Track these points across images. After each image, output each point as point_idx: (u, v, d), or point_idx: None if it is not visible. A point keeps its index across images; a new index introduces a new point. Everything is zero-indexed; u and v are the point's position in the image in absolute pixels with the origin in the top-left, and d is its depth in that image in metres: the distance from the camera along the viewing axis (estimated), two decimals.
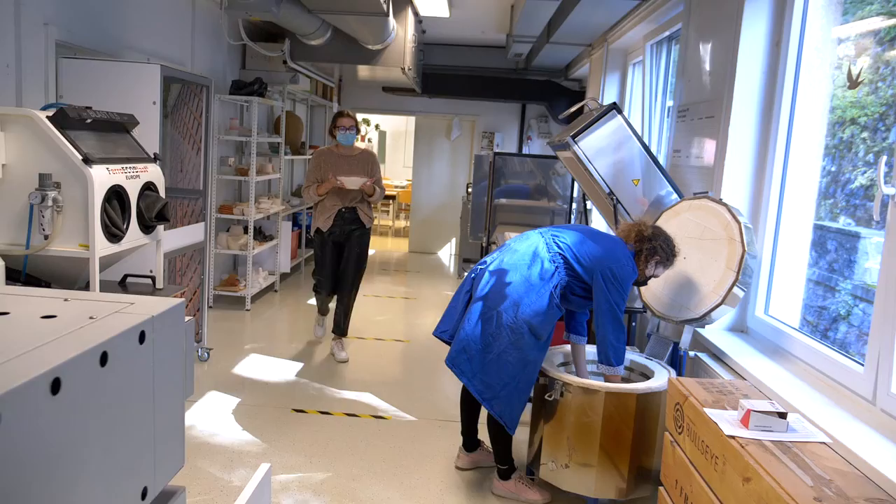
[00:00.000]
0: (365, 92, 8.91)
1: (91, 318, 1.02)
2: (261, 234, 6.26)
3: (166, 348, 1.09)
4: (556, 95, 8.27)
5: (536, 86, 8.31)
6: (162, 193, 3.06)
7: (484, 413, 2.85)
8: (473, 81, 8.39)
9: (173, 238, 3.84)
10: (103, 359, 0.92)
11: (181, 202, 4.20)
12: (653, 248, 2.69)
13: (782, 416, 1.90)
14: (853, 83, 2.37)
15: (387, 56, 5.89)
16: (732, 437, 1.85)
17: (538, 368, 2.66)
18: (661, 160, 4.35)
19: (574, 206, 6.04)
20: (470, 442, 3.10)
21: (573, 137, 3.21)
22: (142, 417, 1.00)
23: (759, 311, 3.12)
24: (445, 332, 2.78)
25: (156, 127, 3.44)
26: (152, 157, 3.06)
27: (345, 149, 4.46)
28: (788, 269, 3.05)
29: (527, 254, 2.67)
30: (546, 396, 2.65)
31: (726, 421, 1.95)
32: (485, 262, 2.77)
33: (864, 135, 3.55)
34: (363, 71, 7.30)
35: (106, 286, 3.20)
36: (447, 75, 8.30)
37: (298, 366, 4.41)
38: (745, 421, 1.92)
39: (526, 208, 6.58)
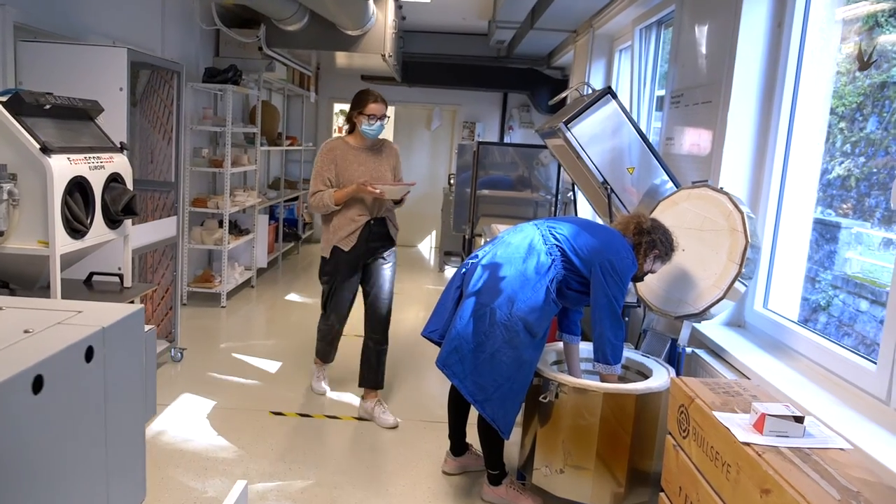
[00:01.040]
0: (343, 81, 8.68)
1: (27, 331, 0.85)
2: (236, 228, 6.05)
3: (122, 364, 0.92)
4: (539, 84, 8.13)
5: (518, 74, 8.16)
6: (129, 185, 2.86)
7: (474, 415, 2.70)
8: (454, 70, 8.21)
9: (143, 233, 3.63)
10: (37, 384, 0.75)
11: (152, 195, 3.98)
12: (652, 241, 2.56)
13: (799, 420, 1.78)
14: (864, 64, 2.25)
15: (366, 42, 5.69)
16: (747, 444, 1.72)
17: (534, 368, 2.52)
18: None
19: (559, 196, 5.91)
20: (458, 445, 2.95)
21: (566, 123, 3.06)
22: (91, 450, 0.83)
23: (757, 304, 3.01)
24: (435, 331, 2.63)
25: (123, 115, 3.23)
26: (119, 146, 2.85)
27: (362, 140, 3.44)
28: (788, 261, 2.94)
29: (521, 246, 2.52)
30: (540, 398, 2.51)
31: (738, 426, 1.82)
32: (476, 255, 2.61)
33: (842, 125, 3.46)
34: (341, 59, 7.08)
35: (70, 285, 3.00)
36: (427, 63, 8.12)
37: (276, 365, 4.23)
38: (758, 426, 1.79)
39: (509, 199, 6.43)
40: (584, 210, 5.44)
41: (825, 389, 2.32)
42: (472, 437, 2.87)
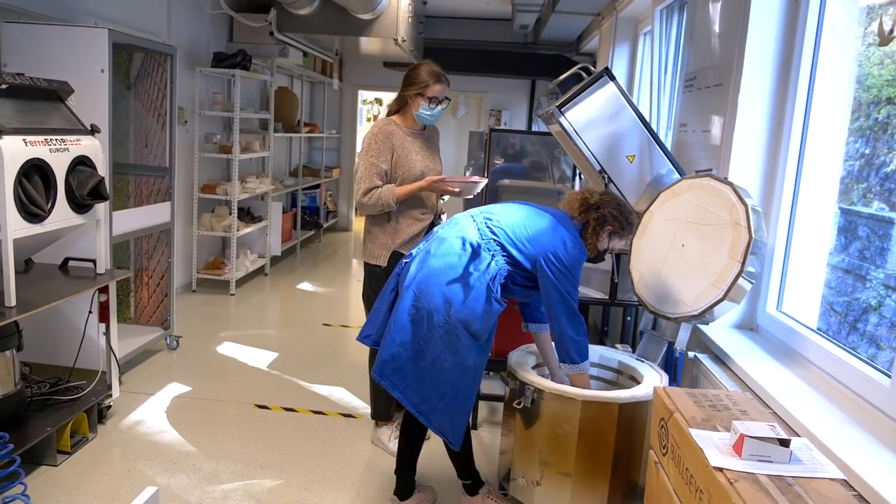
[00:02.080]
0: (367, 68, 8.54)
1: None
2: (249, 215, 5.97)
3: None
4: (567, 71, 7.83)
5: (546, 61, 7.88)
6: (101, 169, 2.76)
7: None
8: (479, 56, 7.98)
9: (133, 218, 3.55)
10: None
11: (146, 180, 3.91)
12: (602, 217, 2.33)
13: (784, 443, 1.55)
14: (885, 39, 1.98)
15: (379, 27, 5.52)
16: (720, 470, 1.50)
17: (480, 374, 2.32)
18: (669, 137, 3.97)
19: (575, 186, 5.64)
20: (405, 485, 2.55)
21: (559, 108, 2.84)
22: None
23: (770, 306, 2.74)
24: (369, 336, 2.39)
25: (104, 97, 3.12)
26: (89, 128, 2.75)
27: (413, 123, 2.92)
28: (806, 260, 2.67)
29: (455, 242, 2.28)
30: (515, 404, 2.31)
31: (714, 447, 1.60)
32: (411, 255, 2.40)
33: None
34: (363, 45, 6.94)
35: (45, 269, 2.93)
36: (451, 50, 7.90)
37: (272, 356, 4.12)
38: (737, 448, 1.57)
39: (529, 190, 6.19)
40: None
41: (835, 405, 2.07)
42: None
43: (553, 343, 2.53)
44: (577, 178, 4.93)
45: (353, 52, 8.07)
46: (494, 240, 2.28)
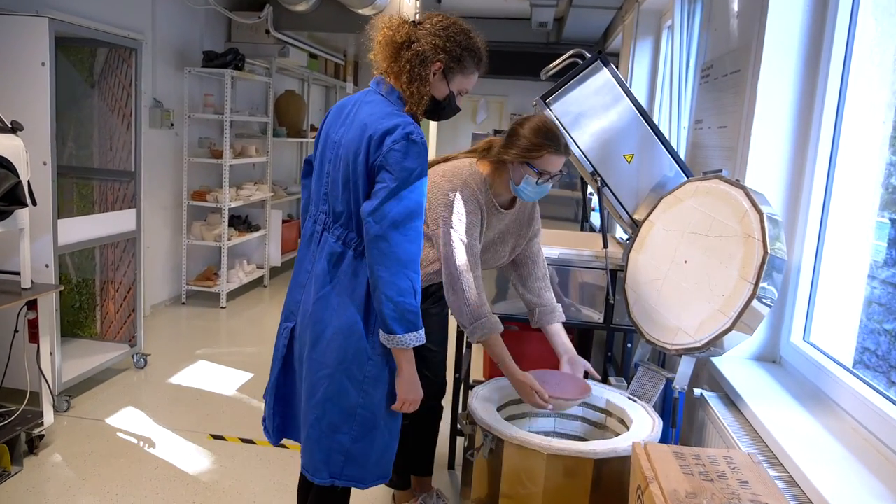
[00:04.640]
0: None
1: None
2: (245, 224, 5.68)
3: None
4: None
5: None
6: (23, 171, 2.46)
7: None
8: (499, 58, 7.44)
9: (89, 226, 3.26)
10: None
11: (111, 185, 3.62)
12: (419, 55, 1.66)
13: None
14: None
15: None
16: None
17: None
18: (683, 134, 3.51)
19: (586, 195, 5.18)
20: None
21: (544, 99, 2.44)
22: None
23: (795, 336, 2.27)
24: (267, 430, 1.93)
25: (45, 94, 2.83)
26: (9, 126, 2.45)
27: (504, 189, 2.13)
28: (839, 280, 2.19)
29: (311, 259, 1.79)
30: (467, 455, 1.90)
31: None
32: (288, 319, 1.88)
33: None
34: None
35: None
36: None
37: (246, 377, 3.77)
38: None
39: (546, 198, 5.75)
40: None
41: (870, 471, 1.60)
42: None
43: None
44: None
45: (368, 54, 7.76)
46: (344, 229, 1.72)
